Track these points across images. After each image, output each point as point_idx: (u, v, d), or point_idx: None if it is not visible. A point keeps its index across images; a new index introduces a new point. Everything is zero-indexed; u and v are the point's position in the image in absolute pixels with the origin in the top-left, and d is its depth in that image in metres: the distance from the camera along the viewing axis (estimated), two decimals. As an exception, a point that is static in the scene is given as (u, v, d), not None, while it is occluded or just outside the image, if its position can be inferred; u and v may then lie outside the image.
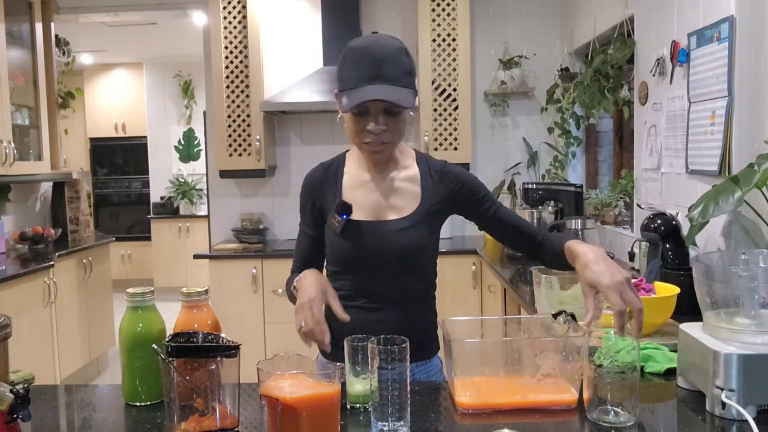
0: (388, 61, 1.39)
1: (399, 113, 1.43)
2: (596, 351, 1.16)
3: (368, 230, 1.51)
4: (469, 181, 1.56)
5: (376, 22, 4.30)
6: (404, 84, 1.41)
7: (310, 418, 1.01)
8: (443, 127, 4.01)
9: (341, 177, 1.58)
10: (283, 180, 4.39)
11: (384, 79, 1.38)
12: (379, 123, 1.42)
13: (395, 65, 1.40)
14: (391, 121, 1.43)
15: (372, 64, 1.38)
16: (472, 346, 1.28)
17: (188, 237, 7.30)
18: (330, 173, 1.60)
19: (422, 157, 1.60)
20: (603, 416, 1.15)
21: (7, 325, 1.15)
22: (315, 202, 1.59)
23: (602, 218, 3.40)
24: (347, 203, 1.52)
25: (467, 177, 1.57)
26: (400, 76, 1.40)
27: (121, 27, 5.84)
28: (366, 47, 1.41)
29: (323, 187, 1.59)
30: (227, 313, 3.80)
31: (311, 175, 1.62)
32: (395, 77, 1.39)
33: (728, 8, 2.04)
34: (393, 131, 1.44)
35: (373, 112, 1.41)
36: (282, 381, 1.03)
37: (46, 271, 3.79)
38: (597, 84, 3.12)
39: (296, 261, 1.63)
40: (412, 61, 1.45)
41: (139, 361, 1.27)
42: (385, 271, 1.51)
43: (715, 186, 1.84)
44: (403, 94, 1.40)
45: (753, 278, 1.19)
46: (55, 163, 4.52)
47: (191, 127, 7.68)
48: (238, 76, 4.05)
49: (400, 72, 1.40)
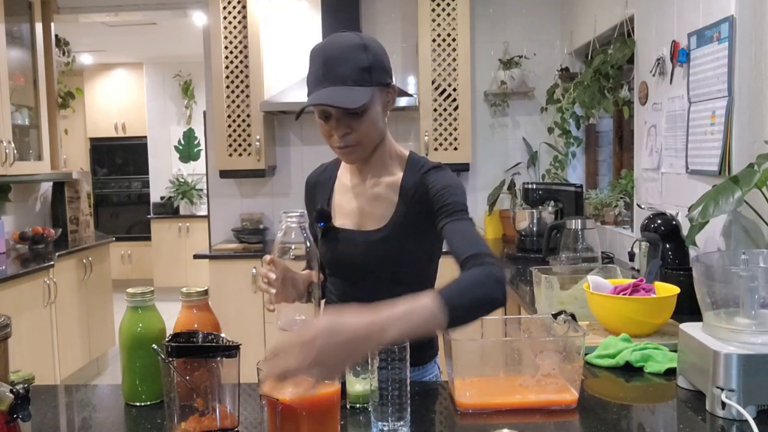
0: (340, 60, 1.31)
1: (363, 114, 1.34)
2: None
3: (345, 239, 1.49)
4: (435, 188, 1.39)
5: (376, 22, 4.30)
6: (356, 82, 1.31)
7: (310, 418, 1.01)
8: (443, 127, 4.00)
9: (333, 181, 1.57)
10: (283, 180, 4.39)
11: (333, 80, 1.31)
12: (342, 126, 1.35)
13: (347, 63, 1.31)
14: (355, 122, 1.35)
15: (321, 65, 1.32)
16: (472, 346, 1.28)
17: (188, 237, 7.30)
18: (325, 176, 1.59)
19: (414, 161, 1.48)
20: None
21: (7, 325, 1.15)
22: (310, 202, 1.60)
23: (602, 218, 3.40)
24: (326, 211, 1.51)
25: (437, 184, 1.40)
26: (352, 73, 1.31)
27: (121, 27, 5.84)
28: (320, 48, 1.35)
29: (316, 188, 1.59)
30: (227, 313, 3.80)
31: (309, 176, 1.62)
32: (344, 77, 1.30)
33: (728, 8, 2.04)
34: (359, 132, 1.36)
35: (335, 115, 1.35)
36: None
37: (46, 271, 3.79)
38: (597, 84, 3.12)
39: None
40: (373, 56, 1.34)
41: (139, 361, 1.27)
42: (368, 279, 1.49)
43: (715, 186, 1.84)
44: (352, 94, 1.30)
45: (753, 278, 1.19)
46: (55, 163, 4.52)
47: (191, 127, 7.68)
48: (238, 76, 4.05)
49: (353, 69, 1.31)
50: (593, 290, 1.72)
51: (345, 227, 1.49)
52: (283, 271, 1.31)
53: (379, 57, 1.36)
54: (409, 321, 1.06)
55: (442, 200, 1.36)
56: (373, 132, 1.39)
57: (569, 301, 1.87)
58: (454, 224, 1.33)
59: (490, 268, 1.21)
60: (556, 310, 1.41)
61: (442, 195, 1.37)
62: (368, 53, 1.33)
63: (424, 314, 1.08)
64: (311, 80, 1.36)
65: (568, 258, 2.63)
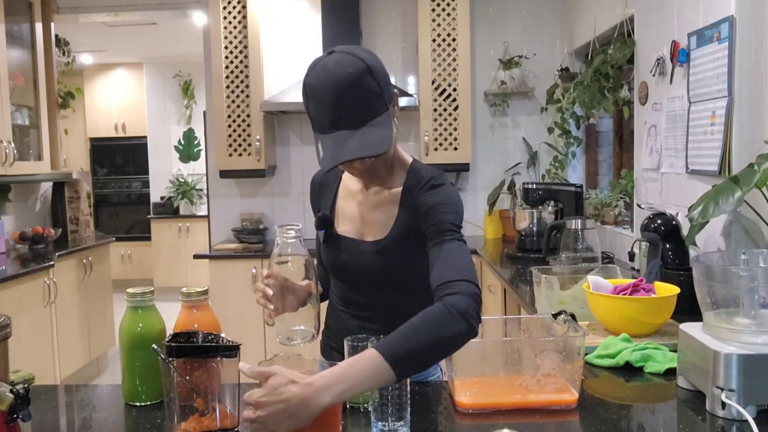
0: (354, 97, 1.23)
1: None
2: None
3: (346, 247, 1.48)
4: (425, 206, 1.35)
5: (376, 22, 4.30)
6: (374, 114, 1.25)
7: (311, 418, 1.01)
8: (443, 127, 4.01)
9: (338, 183, 1.56)
10: (283, 180, 4.39)
11: (352, 122, 1.23)
12: (362, 163, 1.33)
13: (362, 98, 1.23)
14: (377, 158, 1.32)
15: (336, 104, 1.22)
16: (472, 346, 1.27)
17: (188, 237, 7.30)
18: (330, 177, 1.57)
19: (414, 170, 1.43)
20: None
21: (7, 325, 1.15)
22: (315, 203, 1.60)
23: (602, 218, 3.40)
24: (328, 217, 1.50)
25: (428, 201, 1.35)
26: (370, 108, 1.25)
27: (121, 27, 5.84)
28: (319, 87, 1.24)
29: (321, 190, 1.58)
30: (227, 313, 3.80)
31: (314, 177, 1.61)
32: (364, 116, 1.24)
33: (728, 8, 2.04)
34: (380, 161, 1.36)
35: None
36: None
37: (46, 271, 3.79)
38: (597, 84, 3.12)
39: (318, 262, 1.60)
40: (379, 76, 1.26)
41: (139, 361, 1.27)
42: (368, 285, 1.49)
43: (715, 186, 1.84)
44: (375, 136, 1.24)
45: (753, 278, 1.19)
46: (55, 163, 4.52)
47: (191, 127, 7.68)
48: (238, 76, 4.05)
49: (368, 102, 1.24)
50: (593, 290, 1.72)
51: (347, 235, 1.49)
52: (281, 282, 1.33)
53: (382, 73, 1.29)
54: (349, 381, 1.03)
55: (430, 220, 1.32)
56: (389, 154, 1.38)
57: (569, 301, 1.87)
58: (435, 248, 1.29)
59: (453, 299, 1.14)
60: (556, 310, 1.41)
61: (431, 215, 1.33)
62: (374, 75, 1.25)
63: (367, 371, 1.04)
64: (324, 118, 1.25)
65: (568, 258, 2.63)
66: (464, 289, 1.16)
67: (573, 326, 1.30)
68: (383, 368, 1.04)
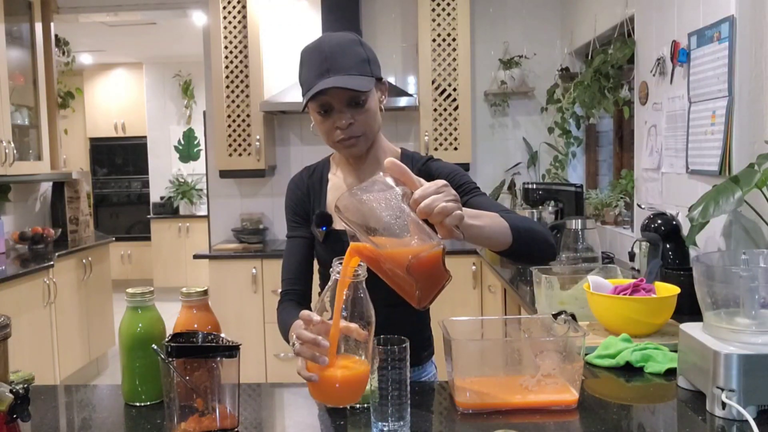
0: (339, 53, 1.34)
1: (364, 104, 1.37)
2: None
3: (347, 242, 1.47)
4: (443, 174, 1.44)
5: (376, 22, 4.30)
6: (359, 72, 1.35)
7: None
8: (443, 127, 4.01)
9: (326, 182, 1.55)
10: (283, 180, 4.39)
11: (336, 70, 1.33)
12: (345, 117, 1.37)
13: (347, 55, 1.35)
14: (357, 113, 1.38)
15: (322, 59, 1.34)
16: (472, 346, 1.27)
17: (188, 237, 7.30)
18: (315, 178, 1.57)
19: (407, 157, 1.52)
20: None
21: (7, 325, 1.15)
22: (302, 207, 1.56)
23: (602, 218, 3.40)
24: (327, 214, 1.49)
25: (443, 170, 1.47)
26: (355, 64, 1.35)
27: (121, 27, 5.84)
28: (315, 45, 1.37)
29: (309, 193, 1.56)
30: (227, 313, 3.80)
31: (296, 180, 1.58)
32: (348, 66, 1.34)
33: (728, 8, 2.04)
34: (362, 123, 1.39)
35: (337, 107, 1.37)
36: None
37: (45, 271, 3.79)
38: (597, 84, 3.12)
39: (286, 272, 1.54)
40: (368, 50, 1.40)
41: (139, 361, 1.27)
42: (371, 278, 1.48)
43: (715, 186, 1.84)
44: (358, 81, 1.34)
45: (753, 278, 1.19)
46: (55, 163, 4.52)
47: (191, 127, 7.68)
48: (238, 76, 4.05)
49: (354, 60, 1.35)
50: (593, 290, 1.72)
51: (347, 229, 1.49)
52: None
53: (372, 51, 1.42)
54: (480, 217, 1.18)
55: (455, 183, 1.40)
56: (374, 123, 1.42)
57: (569, 301, 1.87)
58: (476, 198, 1.40)
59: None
60: (557, 310, 1.41)
61: (453, 179, 1.42)
62: (364, 47, 1.39)
63: (493, 216, 1.22)
64: (311, 75, 1.35)
65: (568, 258, 2.63)
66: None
67: (573, 326, 1.30)
68: (504, 225, 1.22)
